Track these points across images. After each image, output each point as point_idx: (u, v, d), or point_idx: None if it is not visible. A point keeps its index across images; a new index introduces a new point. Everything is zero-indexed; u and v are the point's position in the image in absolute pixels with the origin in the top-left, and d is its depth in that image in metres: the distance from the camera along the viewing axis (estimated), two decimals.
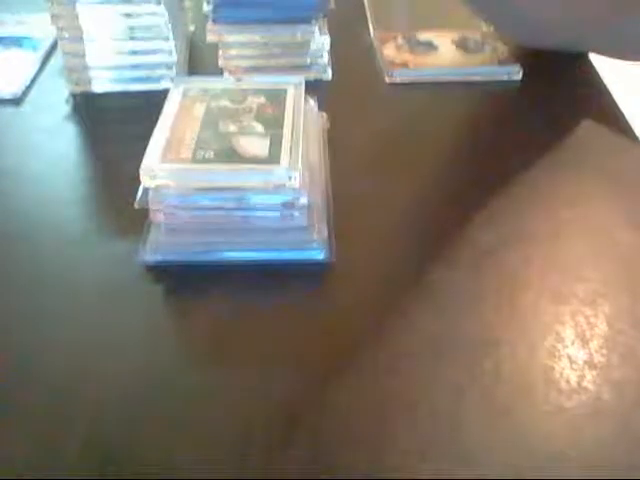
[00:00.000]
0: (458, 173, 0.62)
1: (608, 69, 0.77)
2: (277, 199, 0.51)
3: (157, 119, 0.55)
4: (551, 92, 0.72)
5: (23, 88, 0.73)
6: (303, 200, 0.51)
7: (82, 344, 0.47)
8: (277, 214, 0.52)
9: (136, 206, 0.52)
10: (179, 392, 0.45)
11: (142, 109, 0.59)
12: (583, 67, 0.76)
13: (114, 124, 0.68)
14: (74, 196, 0.61)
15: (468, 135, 0.67)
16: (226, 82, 0.60)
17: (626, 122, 0.67)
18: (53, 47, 0.78)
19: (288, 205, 0.51)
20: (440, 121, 0.70)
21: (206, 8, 0.76)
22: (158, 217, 0.52)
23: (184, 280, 0.52)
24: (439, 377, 0.45)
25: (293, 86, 0.59)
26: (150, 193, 0.51)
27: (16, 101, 0.71)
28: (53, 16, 0.69)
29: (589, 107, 0.70)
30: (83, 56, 0.71)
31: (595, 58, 0.77)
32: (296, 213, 0.52)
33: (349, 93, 0.73)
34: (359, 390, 0.44)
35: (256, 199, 0.51)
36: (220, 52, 0.73)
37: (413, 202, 0.59)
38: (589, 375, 0.45)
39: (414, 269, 0.53)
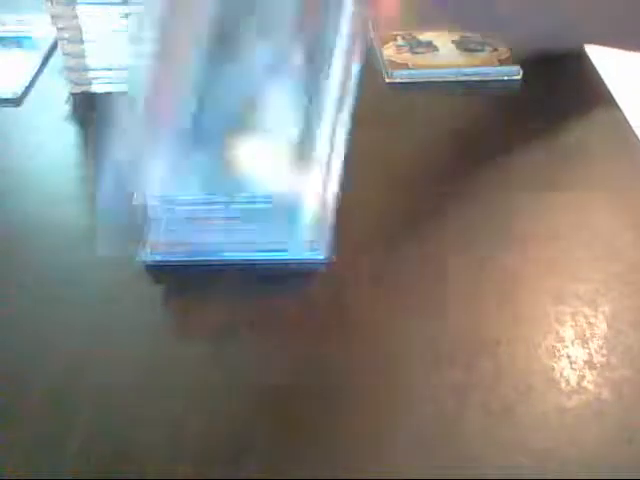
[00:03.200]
0: (458, 173, 0.62)
1: (609, 69, 0.77)
2: (272, 195, 0.52)
3: None
4: (551, 92, 0.72)
5: (23, 88, 0.73)
6: (300, 197, 0.51)
7: (81, 344, 0.47)
8: (272, 207, 0.52)
9: (133, 202, 0.52)
10: (179, 392, 0.45)
11: None
12: (583, 67, 0.76)
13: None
14: (74, 196, 0.61)
15: (468, 135, 0.67)
16: None
17: (626, 122, 0.67)
18: (53, 47, 0.78)
19: (283, 200, 0.52)
20: (440, 121, 0.70)
21: None
22: (155, 212, 0.53)
23: (184, 280, 0.52)
24: (439, 377, 0.45)
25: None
26: (146, 188, 0.51)
27: (16, 101, 0.71)
28: (53, 16, 0.69)
29: (589, 107, 0.70)
30: (83, 56, 0.71)
31: (595, 58, 0.77)
32: (292, 209, 0.52)
33: None
34: (359, 390, 0.44)
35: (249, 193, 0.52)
36: None
37: (412, 202, 0.59)
38: (589, 375, 0.45)
39: (414, 269, 0.53)
